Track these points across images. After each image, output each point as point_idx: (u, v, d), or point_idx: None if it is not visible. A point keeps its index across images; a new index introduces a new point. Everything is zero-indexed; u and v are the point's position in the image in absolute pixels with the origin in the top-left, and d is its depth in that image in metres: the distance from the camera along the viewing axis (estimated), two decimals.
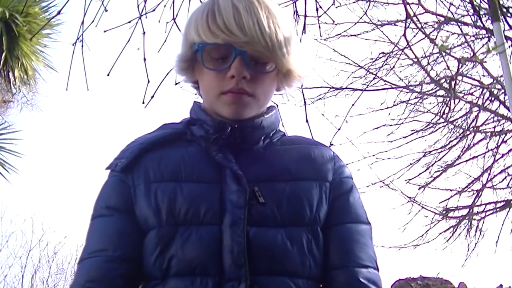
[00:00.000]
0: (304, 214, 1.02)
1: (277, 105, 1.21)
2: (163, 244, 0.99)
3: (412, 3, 4.48)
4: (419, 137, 6.09)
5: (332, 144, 2.88)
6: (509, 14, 4.74)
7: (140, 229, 1.02)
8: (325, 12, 3.02)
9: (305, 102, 2.82)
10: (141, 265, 1.01)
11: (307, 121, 2.64)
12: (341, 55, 5.85)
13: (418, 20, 4.32)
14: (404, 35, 3.06)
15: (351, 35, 5.73)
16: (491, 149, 5.85)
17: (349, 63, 5.90)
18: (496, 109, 5.68)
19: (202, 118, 1.10)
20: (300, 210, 1.02)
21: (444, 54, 4.15)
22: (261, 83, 1.05)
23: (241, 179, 1.01)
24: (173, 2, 2.66)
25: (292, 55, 1.06)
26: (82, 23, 2.50)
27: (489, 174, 5.87)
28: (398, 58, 5.70)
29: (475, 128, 5.94)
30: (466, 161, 6.00)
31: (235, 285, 0.94)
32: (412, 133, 6.08)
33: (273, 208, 1.01)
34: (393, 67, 5.76)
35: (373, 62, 5.90)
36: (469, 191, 5.93)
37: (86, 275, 1.00)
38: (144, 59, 2.46)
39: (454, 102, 5.62)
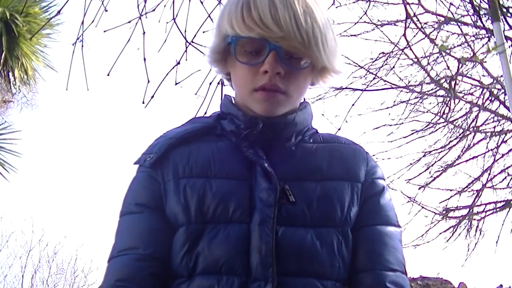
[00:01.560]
0: (334, 215, 1.00)
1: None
2: (190, 242, 0.97)
3: (412, 3, 4.48)
4: (419, 137, 6.09)
5: None
6: (509, 14, 4.73)
7: (171, 227, 1.00)
8: None
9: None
10: (171, 263, 0.99)
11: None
12: (341, 55, 5.83)
13: (418, 20, 4.32)
14: (404, 35, 3.06)
15: (351, 35, 5.73)
16: (491, 149, 5.85)
17: (349, 63, 5.90)
18: (496, 109, 5.68)
19: (233, 112, 1.07)
20: (331, 210, 1.00)
21: (444, 54, 4.15)
22: (295, 80, 1.03)
23: (271, 177, 0.99)
24: (173, 2, 2.66)
25: (328, 51, 1.03)
26: (82, 23, 2.50)
27: (489, 174, 5.87)
28: (398, 58, 5.69)
29: (475, 128, 5.94)
30: (466, 161, 5.99)
31: (262, 285, 0.93)
32: (412, 133, 6.08)
33: (303, 207, 0.98)
34: (393, 67, 5.76)
35: (373, 62, 5.89)
36: (469, 191, 5.93)
37: (116, 273, 0.98)
38: (144, 59, 2.46)
39: (454, 102, 5.62)
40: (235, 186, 1.00)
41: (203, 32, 2.53)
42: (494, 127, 5.84)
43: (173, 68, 2.47)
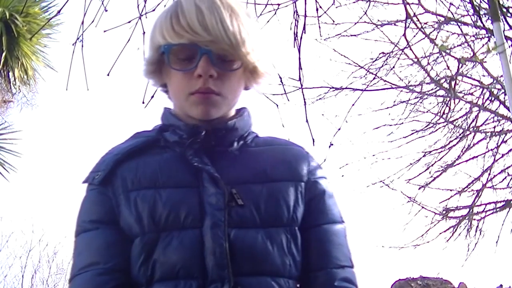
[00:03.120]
0: (282, 215, 1.03)
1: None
2: (146, 250, 0.99)
3: (412, 3, 4.49)
4: (419, 137, 6.10)
5: (332, 144, 2.88)
6: (509, 14, 4.74)
7: (127, 238, 1.02)
8: (325, 12, 3.02)
9: (305, 102, 2.83)
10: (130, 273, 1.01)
11: (307, 121, 2.64)
12: (341, 55, 5.84)
13: (418, 20, 4.33)
14: (404, 35, 3.06)
15: (351, 35, 5.73)
16: (491, 149, 5.86)
17: (349, 63, 5.90)
18: (496, 109, 5.69)
19: (175, 123, 1.10)
20: (278, 211, 1.03)
21: (444, 54, 4.15)
22: (228, 81, 1.06)
23: (218, 181, 1.02)
24: None
25: (257, 52, 1.07)
26: (82, 23, 2.50)
27: (489, 174, 5.87)
28: (398, 58, 5.70)
29: (475, 128, 5.94)
30: (466, 161, 6.00)
31: (219, 286, 0.95)
32: (412, 133, 6.09)
33: (252, 209, 1.01)
34: (393, 67, 5.76)
35: (373, 62, 5.90)
36: (469, 191, 5.94)
37: None
38: (144, 59, 2.46)
39: (454, 102, 5.62)
40: (184, 194, 1.02)
41: None
42: (494, 127, 5.85)
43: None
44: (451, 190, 5.93)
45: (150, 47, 1.11)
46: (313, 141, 2.55)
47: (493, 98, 5.61)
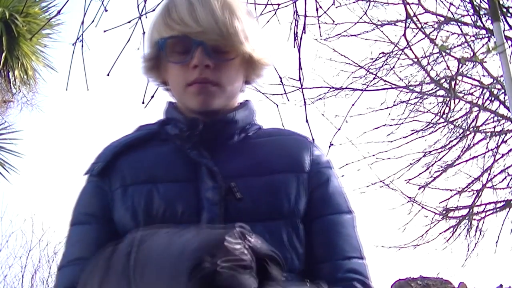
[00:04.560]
0: (282, 208, 1.02)
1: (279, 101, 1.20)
2: None
3: (412, 3, 4.49)
4: (419, 137, 6.11)
5: (332, 144, 2.88)
6: (509, 14, 4.74)
7: (120, 234, 1.00)
8: (325, 12, 3.02)
9: (305, 102, 2.83)
10: None
11: (307, 121, 2.64)
12: (341, 55, 5.85)
13: (418, 20, 4.33)
14: (404, 35, 3.06)
15: (351, 35, 5.74)
16: (491, 149, 5.86)
17: (349, 63, 5.91)
18: (496, 109, 5.69)
19: (175, 117, 1.10)
20: (278, 203, 1.02)
21: (444, 54, 4.15)
22: (225, 72, 1.06)
23: (216, 175, 1.01)
24: None
25: (251, 41, 1.07)
26: (82, 23, 2.50)
27: (489, 174, 5.88)
28: (398, 58, 5.71)
29: (475, 128, 5.95)
30: (466, 161, 6.01)
31: None
32: (412, 133, 6.10)
33: (250, 203, 1.00)
34: (393, 67, 5.78)
35: (373, 62, 5.91)
36: (469, 191, 5.94)
37: (65, 283, 1.01)
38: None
39: (454, 102, 5.63)
40: (181, 189, 1.02)
41: None
42: (494, 127, 5.85)
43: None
44: (451, 190, 5.94)
45: (148, 45, 1.13)
46: (313, 141, 2.55)
47: (493, 98, 5.61)
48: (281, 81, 2.79)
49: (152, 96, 2.42)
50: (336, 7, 3.09)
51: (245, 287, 0.74)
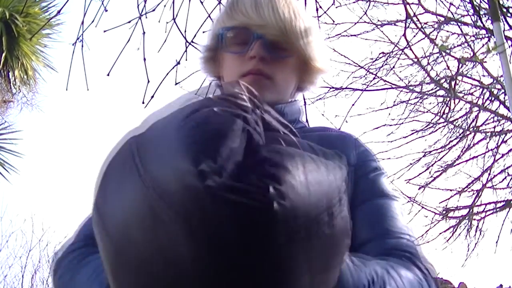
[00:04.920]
0: None
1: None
2: None
3: (412, 3, 4.49)
4: (419, 137, 6.10)
5: None
6: (509, 14, 4.74)
7: None
8: (325, 12, 3.01)
9: (305, 102, 2.81)
10: None
11: (307, 121, 2.64)
12: (341, 55, 5.85)
13: (418, 20, 4.33)
14: (404, 35, 3.05)
15: (351, 35, 5.73)
16: (491, 149, 5.86)
17: (349, 63, 5.90)
18: (496, 109, 5.68)
19: None
20: None
21: (444, 54, 4.15)
22: (280, 68, 1.08)
23: None
24: (173, 2, 2.65)
25: (310, 45, 1.10)
26: (82, 23, 2.50)
27: (489, 174, 5.87)
28: (398, 58, 5.71)
29: (475, 128, 5.94)
30: (466, 161, 6.00)
31: None
32: (412, 133, 6.09)
33: None
34: (393, 67, 5.77)
35: (373, 62, 5.90)
36: (469, 191, 5.94)
37: (85, 231, 0.97)
38: (144, 59, 2.46)
39: (454, 102, 5.62)
40: None
41: (203, 32, 2.54)
42: (494, 127, 5.85)
43: (173, 68, 2.46)
44: (451, 190, 5.93)
45: (210, 37, 1.16)
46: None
47: (493, 98, 5.61)
48: None
49: (152, 96, 2.42)
50: (336, 7, 3.08)
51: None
